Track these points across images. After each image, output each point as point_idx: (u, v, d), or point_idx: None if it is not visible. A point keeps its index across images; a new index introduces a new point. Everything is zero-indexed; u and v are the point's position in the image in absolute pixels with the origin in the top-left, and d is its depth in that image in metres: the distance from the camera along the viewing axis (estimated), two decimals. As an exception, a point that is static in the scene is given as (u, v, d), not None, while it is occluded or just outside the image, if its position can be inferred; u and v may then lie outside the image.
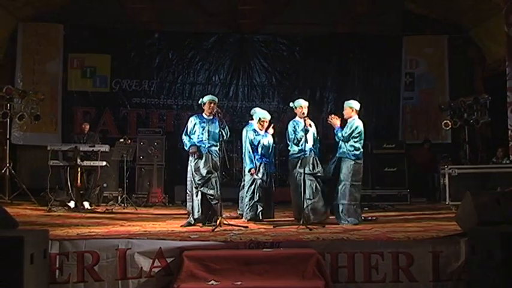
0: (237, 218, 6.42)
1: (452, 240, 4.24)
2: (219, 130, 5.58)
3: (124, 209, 7.92)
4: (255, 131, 6.36)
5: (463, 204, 4.46)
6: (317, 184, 5.66)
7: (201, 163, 5.58)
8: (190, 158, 5.60)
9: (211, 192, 5.54)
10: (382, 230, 5.10)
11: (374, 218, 6.30)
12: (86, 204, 7.70)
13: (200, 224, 5.51)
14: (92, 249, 3.98)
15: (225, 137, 5.58)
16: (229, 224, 5.30)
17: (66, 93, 10.13)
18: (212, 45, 10.58)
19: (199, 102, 5.82)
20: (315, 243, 4.22)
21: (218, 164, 5.57)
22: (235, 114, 10.59)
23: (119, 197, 8.39)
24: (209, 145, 5.66)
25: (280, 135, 7.62)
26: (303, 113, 5.79)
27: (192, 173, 5.58)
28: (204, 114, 5.79)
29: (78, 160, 7.54)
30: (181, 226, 5.53)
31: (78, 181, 7.56)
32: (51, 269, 3.88)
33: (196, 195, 5.59)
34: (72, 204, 7.53)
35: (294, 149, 5.83)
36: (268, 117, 6.39)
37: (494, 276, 3.55)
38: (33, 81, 9.84)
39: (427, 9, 10.43)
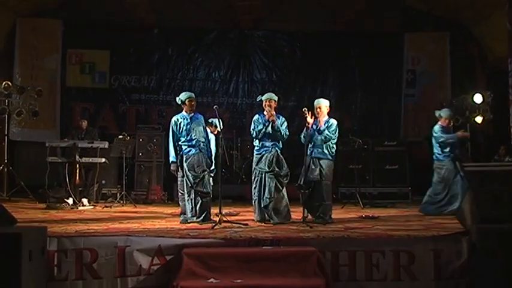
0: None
1: (453, 238, 4.23)
2: (203, 126, 5.63)
3: (123, 206, 7.91)
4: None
5: (465, 202, 4.46)
6: (277, 183, 5.59)
7: (195, 162, 5.56)
8: (185, 157, 5.58)
9: (205, 190, 5.52)
10: (383, 228, 5.07)
11: (375, 216, 6.30)
12: (85, 201, 7.70)
13: (199, 221, 5.48)
14: (90, 246, 3.97)
15: (219, 128, 5.56)
16: (228, 221, 5.29)
17: (64, 89, 10.11)
18: (212, 41, 10.56)
19: (177, 101, 5.72)
20: (316, 241, 4.21)
21: (209, 160, 5.58)
22: (235, 111, 10.56)
23: (118, 194, 8.39)
24: (199, 143, 5.63)
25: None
26: (269, 107, 5.73)
27: (186, 173, 5.54)
28: (184, 112, 5.74)
29: (77, 157, 7.53)
30: (180, 223, 5.54)
31: (77, 178, 7.57)
32: (49, 266, 3.87)
33: (189, 195, 5.55)
34: (70, 201, 7.52)
35: (255, 143, 5.82)
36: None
37: (496, 275, 3.57)
38: (32, 77, 9.80)
39: (428, 5, 10.40)
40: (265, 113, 5.80)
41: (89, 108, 10.21)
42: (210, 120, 6.04)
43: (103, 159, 7.85)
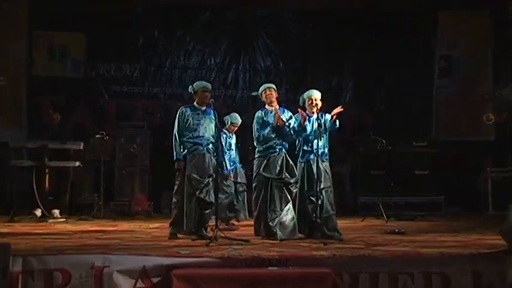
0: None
1: (496, 257, 4.23)
2: (215, 123, 5.66)
3: (101, 218, 7.95)
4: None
5: (510, 215, 4.44)
6: (286, 193, 5.66)
7: (201, 164, 5.62)
8: (189, 157, 5.64)
9: (209, 199, 5.58)
10: (411, 244, 5.09)
11: (401, 230, 6.32)
12: (56, 213, 7.72)
13: (194, 236, 5.52)
14: (62, 266, 3.96)
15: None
16: (226, 237, 5.31)
17: (31, 79, 10.16)
18: (207, 22, 10.62)
19: (189, 90, 5.87)
20: (331, 260, 4.21)
21: (215, 165, 5.66)
22: (234, 105, 10.57)
23: (95, 205, 8.43)
24: (207, 142, 5.71)
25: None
26: (269, 100, 5.85)
27: (189, 176, 5.58)
28: (195, 103, 5.84)
29: (46, 160, 7.55)
30: (169, 239, 5.57)
31: (46, 185, 7.60)
32: (12, 290, 3.87)
33: (190, 202, 5.58)
34: (38, 212, 7.56)
35: (259, 143, 5.87)
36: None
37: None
38: (-10, 66, 9.84)
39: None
40: (267, 107, 5.89)
41: (60, 103, 10.04)
42: (227, 118, 6.24)
43: (77, 163, 7.88)
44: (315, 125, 5.73)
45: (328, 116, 5.80)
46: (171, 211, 5.88)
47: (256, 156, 5.90)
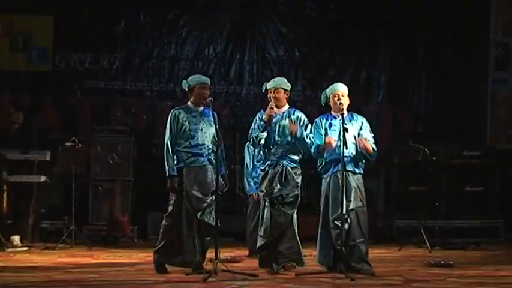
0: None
1: None
2: (216, 128, 5.71)
3: (72, 247, 7.90)
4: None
5: None
6: (276, 213, 5.74)
7: (202, 179, 5.67)
8: (186, 171, 5.67)
9: (212, 222, 5.61)
10: (461, 280, 5.07)
11: (449, 262, 6.30)
12: (15, 240, 7.70)
13: (188, 269, 5.53)
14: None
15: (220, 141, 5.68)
16: (229, 271, 5.32)
17: (-13, 73, 10.21)
18: (204, 2, 10.63)
19: (184, 86, 5.92)
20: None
21: (220, 179, 5.69)
22: (238, 105, 10.63)
23: (65, 230, 8.32)
24: (208, 151, 5.75)
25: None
26: (274, 99, 5.94)
27: (187, 194, 5.63)
28: (190, 103, 5.87)
29: (4, 173, 7.55)
30: (157, 272, 5.57)
31: (4, 205, 7.58)
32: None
33: (189, 227, 5.62)
34: (-6, 239, 7.54)
35: (258, 153, 6.01)
36: None
37: None
38: None
39: None
40: (265, 115, 5.91)
41: (22, 101, 10.15)
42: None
43: (43, 178, 7.87)
44: (340, 127, 5.72)
45: (359, 121, 5.89)
46: (160, 236, 5.85)
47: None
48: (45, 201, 8.68)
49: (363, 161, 5.83)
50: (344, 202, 5.52)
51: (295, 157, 5.90)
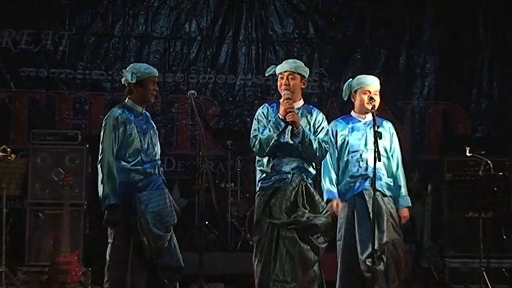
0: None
1: None
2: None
3: (1, 296, 7.87)
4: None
5: None
6: (305, 249, 5.81)
7: (160, 208, 5.77)
8: (138, 198, 5.74)
9: (176, 262, 5.78)
10: None
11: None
12: None
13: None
14: None
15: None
16: None
17: None
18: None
19: (127, 78, 5.96)
20: None
21: (176, 203, 5.96)
22: (230, 101, 10.73)
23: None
24: (161, 169, 5.98)
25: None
26: (286, 88, 5.96)
27: (141, 230, 5.69)
28: (130, 102, 6.00)
29: None
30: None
31: None
32: None
33: (149, 272, 5.69)
34: None
35: (260, 165, 6.06)
36: None
37: None
38: None
39: None
40: (281, 108, 5.95)
41: None
42: None
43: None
44: (369, 134, 5.93)
45: (389, 131, 6.24)
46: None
47: (257, 190, 6.04)
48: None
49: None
50: (375, 233, 5.64)
51: (312, 170, 6.00)
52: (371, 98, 5.97)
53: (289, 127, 5.79)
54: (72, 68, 10.56)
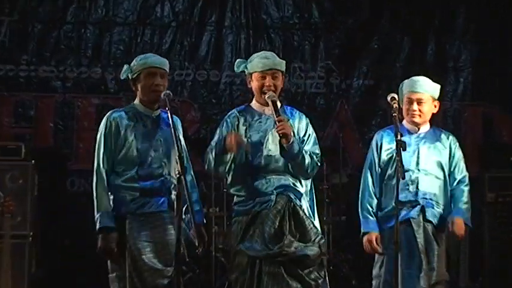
0: None
1: None
2: (179, 144, 5.66)
3: None
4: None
5: None
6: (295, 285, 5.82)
7: (159, 236, 5.69)
8: (129, 223, 5.67)
9: None
10: None
11: None
12: None
13: None
14: None
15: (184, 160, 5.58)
16: None
17: None
18: None
19: (123, 74, 5.96)
20: None
21: (190, 234, 5.85)
22: (214, 103, 10.79)
23: None
24: (169, 186, 5.77)
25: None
26: (267, 87, 5.94)
27: (131, 262, 5.60)
28: (137, 104, 5.94)
29: None
30: None
31: None
32: None
33: None
34: None
35: (234, 188, 6.07)
36: None
37: None
38: None
39: None
40: (254, 104, 6.11)
41: None
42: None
43: None
44: (421, 148, 6.09)
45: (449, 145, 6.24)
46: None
47: (233, 214, 6.10)
48: None
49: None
50: (423, 271, 5.78)
51: (301, 187, 5.95)
52: (413, 110, 6.05)
53: (270, 137, 5.82)
54: (14, 63, 10.49)
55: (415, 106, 6.06)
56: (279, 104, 5.84)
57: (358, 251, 6.23)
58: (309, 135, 5.98)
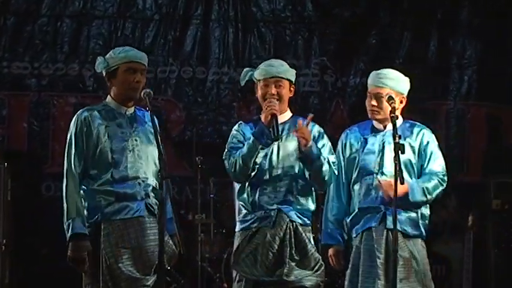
0: None
1: None
2: (159, 144, 5.63)
3: None
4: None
5: None
6: None
7: (137, 242, 5.61)
8: (104, 229, 5.61)
9: None
10: None
11: None
12: None
13: None
14: None
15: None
16: None
17: None
18: None
19: (98, 67, 5.88)
20: None
21: (170, 241, 5.83)
22: (199, 102, 10.83)
23: None
24: (147, 190, 5.71)
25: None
26: (270, 95, 5.98)
27: (107, 272, 5.53)
28: (110, 101, 5.90)
29: None
30: None
31: None
32: None
33: None
34: None
35: (241, 199, 6.08)
36: None
37: None
38: None
39: None
40: (262, 115, 6.00)
41: None
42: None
43: None
44: (386, 148, 6.00)
45: (421, 137, 6.18)
46: None
47: (236, 229, 6.08)
48: None
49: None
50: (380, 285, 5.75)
51: (309, 205, 5.98)
52: (372, 106, 6.01)
53: (275, 148, 5.87)
54: (-19, 57, 10.45)
55: (377, 103, 6.01)
56: (281, 119, 5.90)
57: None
58: (324, 144, 5.97)
